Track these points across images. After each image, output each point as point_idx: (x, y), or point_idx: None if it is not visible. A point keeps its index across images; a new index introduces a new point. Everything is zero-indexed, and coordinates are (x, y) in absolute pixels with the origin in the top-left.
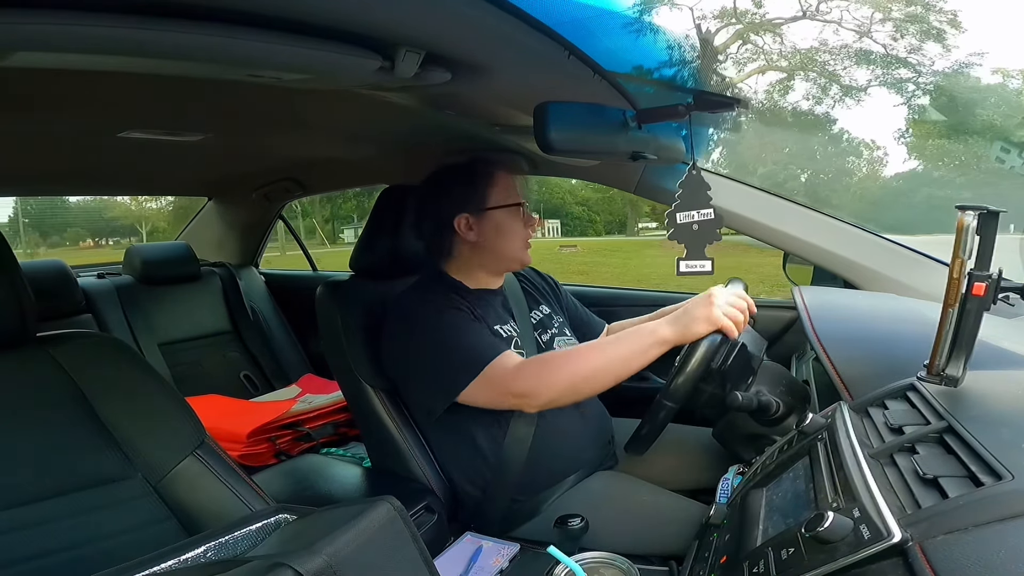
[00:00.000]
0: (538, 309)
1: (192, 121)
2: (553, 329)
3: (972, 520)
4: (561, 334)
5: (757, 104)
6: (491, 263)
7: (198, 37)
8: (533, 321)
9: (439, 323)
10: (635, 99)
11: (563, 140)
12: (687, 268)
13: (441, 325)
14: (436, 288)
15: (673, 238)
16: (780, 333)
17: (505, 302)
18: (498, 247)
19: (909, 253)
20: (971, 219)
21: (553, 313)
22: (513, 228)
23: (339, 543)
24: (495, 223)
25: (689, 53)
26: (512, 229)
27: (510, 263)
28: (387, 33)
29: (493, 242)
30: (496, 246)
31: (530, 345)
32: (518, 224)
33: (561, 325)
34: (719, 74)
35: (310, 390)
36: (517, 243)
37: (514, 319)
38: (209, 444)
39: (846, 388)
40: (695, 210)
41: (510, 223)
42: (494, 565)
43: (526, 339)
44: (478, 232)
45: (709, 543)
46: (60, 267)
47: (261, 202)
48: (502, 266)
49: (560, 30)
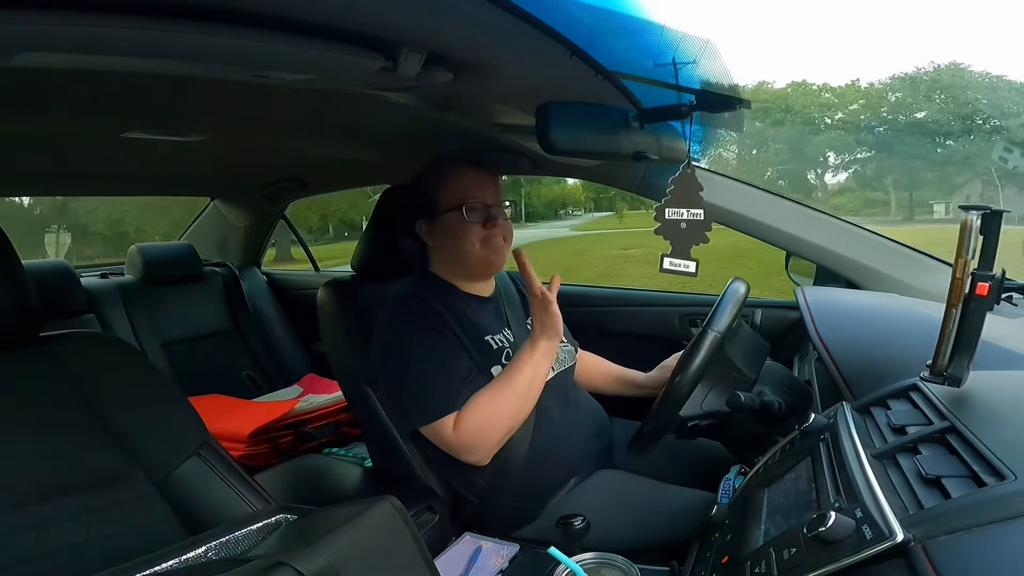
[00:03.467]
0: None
1: (195, 121)
2: None
3: (975, 520)
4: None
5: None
6: (458, 268)
7: (201, 38)
8: (529, 327)
9: (416, 345)
10: (637, 99)
11: (565, 140)
12: (671, 266)
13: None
14: (428, 294)
15: (659, 233)
16: (783, 333)
17: (499, 309)
18: (454, 252)
19: (912, 253)
20: (975, 219)
21: None
22: (466, 230)
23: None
24: (447, 227)
25: (692, 52)
26: (465, 231)
27: (474, 267)
28: (390, 33)
29: (449, 247)
30: (452, 251)
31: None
32: (473, 228)
33: None
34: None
35: (312, 390)
36: (472, 245)
37: (509, 326)
38: (211, 444)
39: (848, 388)
40: (685, 208)
41: (463, 225)
42: (494, 565)
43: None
44: (436, 237)
45: (711, 543)
46: (63, 267)
47: (264, 202)
48: (468, 271)
49: (562, 30)
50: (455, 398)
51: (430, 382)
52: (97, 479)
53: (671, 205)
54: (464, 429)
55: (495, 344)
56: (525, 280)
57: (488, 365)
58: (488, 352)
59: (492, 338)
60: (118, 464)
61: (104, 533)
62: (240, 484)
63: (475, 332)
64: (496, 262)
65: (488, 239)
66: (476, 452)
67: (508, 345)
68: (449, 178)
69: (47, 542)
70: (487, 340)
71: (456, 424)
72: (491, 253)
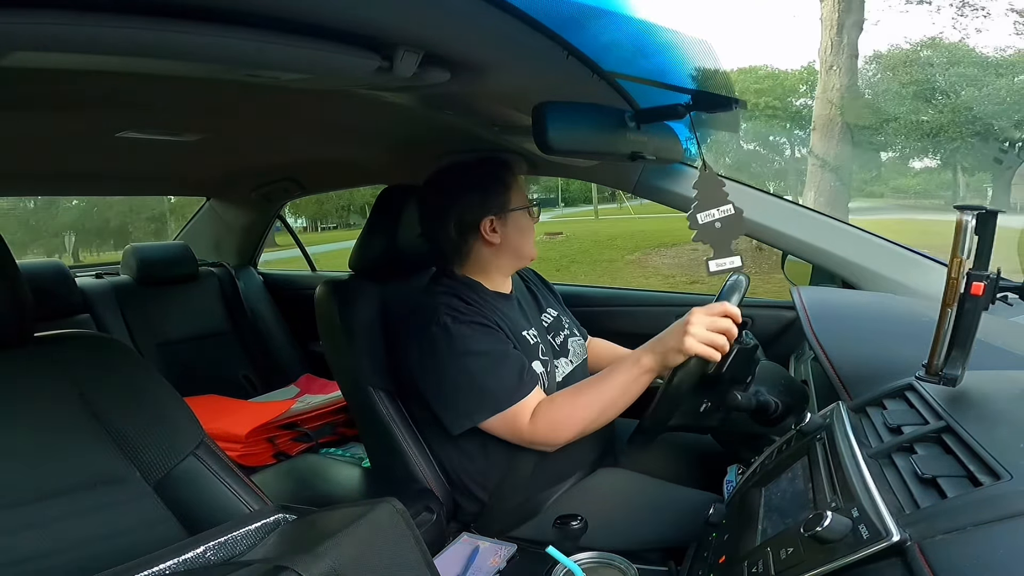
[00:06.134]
0: (547, 311)
1: (190, 121)
2: (564, 331)
3: (971, 520)
4: (572, 335)
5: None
6: (507, 264)
7: (197, 37)
8: (545, 324)
9: (465, 338)
10: (634, 99)
11: (562, 140)
12: (718, 267)
13: (473, 346)
14: (457, 290)
15: (698, 240)
16: (779, 333)
17: (520, 305)
18: (520, 247)
19: (907, 253)
20: (969, 219)
21: (561, 314)
22: (530, 227)
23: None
24: (517, 224)
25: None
26: (530, 228)
27: (526, 261)
28: (386, 33)
29: (516, 243)
30: (518, 246)
31: (546, 348)
32: (532, 222)
33: (570, 325)
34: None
35: (309, 390)
36: (531, 242)
37: (530, 322)
38: (208, 444)
39: (845, 388)
40: (714, 208)
41: (527, 222)
42: (491, 565)
43: (544, 343)
44: (502, 234)
45: (708, 543)
46: (58, 267)
47: (260, 202)
48: (518, 265)
49: (559, 30)
50: (519, 387)
51: (493, 374)
52: (93, 479)
53: (701, 209)
54: (540, 422)
55: (531, 339)
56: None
57: (530, 360)
58: (528, 347)
59: (527, 333)
60: (114, 464)
61: (100, 534)
62: (237, 484)
63: (514, 327)
64: (535, 255)
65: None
66: (545, 446)
67: (540, 340)
68: (515, 179)
69: (43, 543)
70: (524, 335)
71: (533, 416)
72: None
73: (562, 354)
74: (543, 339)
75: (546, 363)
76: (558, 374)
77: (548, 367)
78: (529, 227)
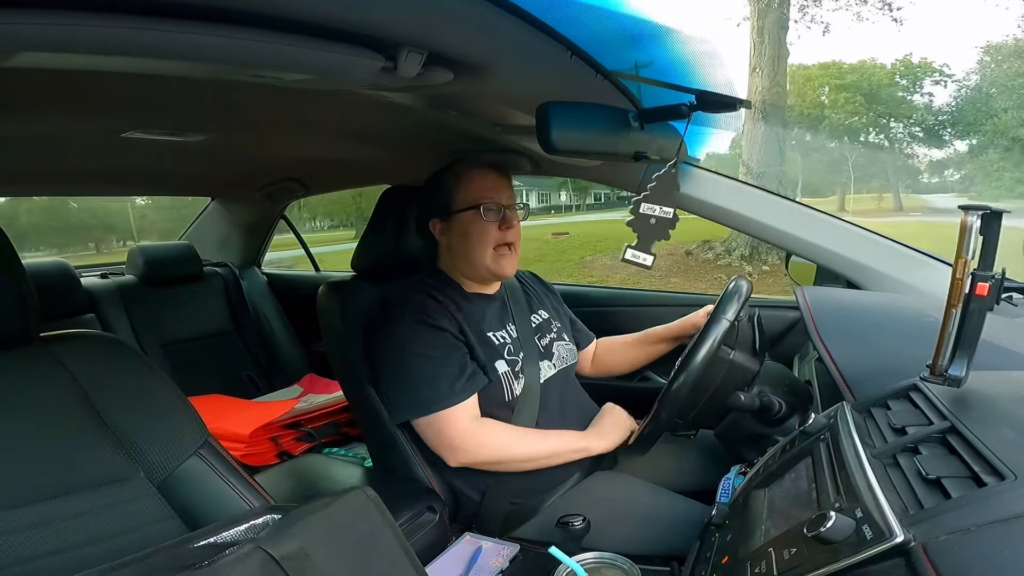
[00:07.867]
0: (538, 313)
1: (195, 121)
2: (551, 334)
3: (975, 520)
4: (559, 339)
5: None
6: (466, 269)
7: (201, 37)
8: (533, 324)
9: (416, 337)
10: (637, 99)
11: (565, 140)
12: (632, 257)
13: (417, 341)
14: (434, 289)
15: (631, 225)
16: (783, 333)
17: (504, 305)
18: (466, 251)
19: (912, 253)
20: (974, 219)
21: (552, 318)
22: (481, 232)
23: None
24: (461, 227)
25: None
26: (479, 233)
27: (482, 273)
28: (390, 33)
29: (461, 248)
30: (464, 252)
31: (529, 348)
32: (488, 227)
33: (560, 330)
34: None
35: (312, 390)
36: (484, 250)
37: (514, 322)
38: (212, 444)
39: (848, 388)
40: (658, 205)
41: (478, 227)
42: (494, 566)
43: (526, 342)
44: (449, 236)
45: (711, 543)
46: (63, 267)
47: (264, 202)
48: (476, 275)
49: (562, 30)
50: (447, 396)
51: (426, 377)
52: (97, 479)
53: (648, 200)
54: (474, 432)
55: (497, 340)
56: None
57: (492, 360)
58: (491, 347)
59: (494, 334)
60: (118, 464)
61: (104, 533)
62: (240, 484)
63: (478, 328)
64: (501, 272)
65: (500, 243)
66: (459, 457)
67: (510, 341)
68: (467, 178)
69: (47, 542)
70: (489, 336)
71: (465, 427)
72: (498, 262)
73: (546, 357)
74: (524, 340)
75: (513, 363)
76: (540, 376)
77: (516, 367)
78: (478, 232)
